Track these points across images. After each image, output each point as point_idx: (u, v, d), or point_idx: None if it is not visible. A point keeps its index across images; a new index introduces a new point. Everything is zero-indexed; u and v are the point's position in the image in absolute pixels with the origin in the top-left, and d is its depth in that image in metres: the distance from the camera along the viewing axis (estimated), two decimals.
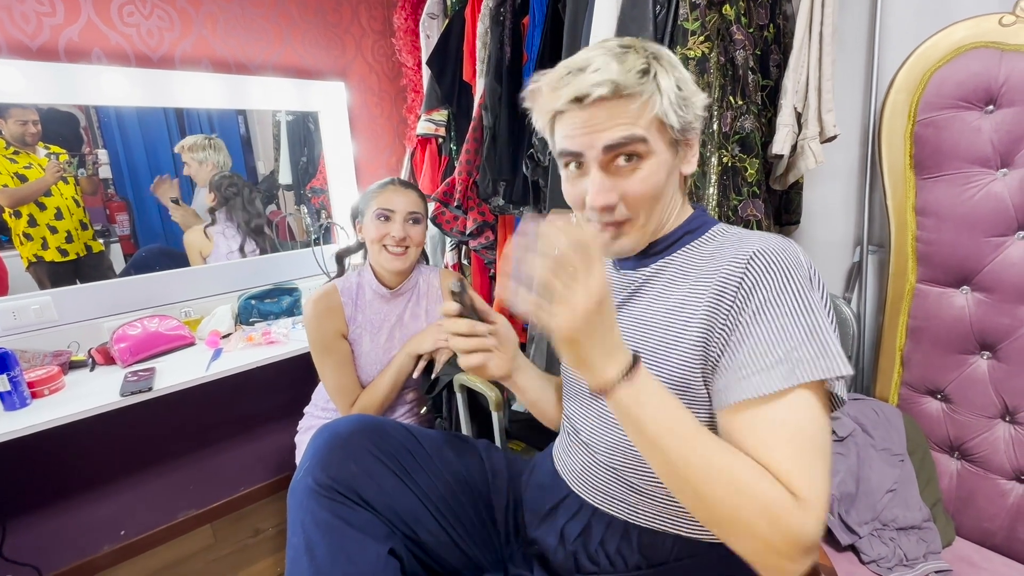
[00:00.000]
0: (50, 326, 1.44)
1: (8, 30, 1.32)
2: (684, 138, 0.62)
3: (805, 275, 0.55)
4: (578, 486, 0.73)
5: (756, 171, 1.07)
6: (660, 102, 0.58)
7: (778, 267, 0.55)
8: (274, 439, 1.91)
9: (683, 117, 0.60)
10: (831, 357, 0.51)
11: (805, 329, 0.52)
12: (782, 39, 1.12)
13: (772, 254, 0.56)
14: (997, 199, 0.94)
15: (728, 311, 0.56)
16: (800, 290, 0.53)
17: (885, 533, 0.95)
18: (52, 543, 1.53)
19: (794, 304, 0.53)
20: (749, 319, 0.54)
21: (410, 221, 1.13)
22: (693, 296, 0.60)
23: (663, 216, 0.65)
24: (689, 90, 0.61)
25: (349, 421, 0.80)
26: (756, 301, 0.54)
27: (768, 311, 0.53)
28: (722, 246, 0.62)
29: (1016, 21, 0.90)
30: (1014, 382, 0.95)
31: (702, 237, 0.65)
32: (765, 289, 0.54)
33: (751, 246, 0.57)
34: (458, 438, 0.90)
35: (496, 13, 1.39)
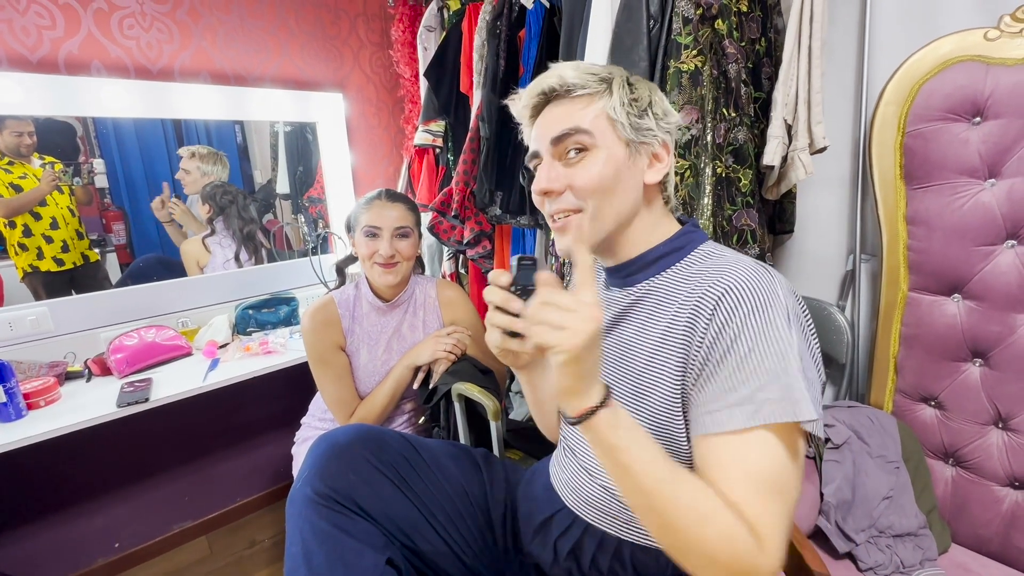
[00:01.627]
0: (46, 337, 1.44)
1: (8, 43, 1.33)
2: (640, 140, 0.63)
3: (782, 312, 0.53)
4: (571, 501, 0.73)
5: (750, 181, 1.08)
6: (608, 100, 0.62)
7: (752, 304, 0.53)
8: (271, 449, 1.90)
9: (636, 120, 0.62)
10: (795, 401, 0.50)
11: (772, 370, 0.51)
12: (774, 52, 1.14)
13: (746, 290, 0.54)
14: (985, 209, 0.95)
15: (699, 346, 0.56)
16: (772, 329, 0.52)
17: (881, 540, 0.96)
18: (46, 555, 1.51)
19: (765, 344, 0.52)
20: (720, 356, 0.54)
21: (398, 236, 1.14)
22: (673, 326, 0.59)
23: (620, 219, 0.63)
24: (649, 100, 0.63)
25: (348, 431, 0.80)
26: (727, 338, 0.54)
27: (738, 349, 0.53)
28: (702, 272, 0.60)
29: (1001, 35, 0.93)
30: (1006, 389, 0.96)
31: (687, 258, 0.64)
32: (736, 327, 0.53)
33: (727, 279, 0.56)
34: (457, 447, 0.90)
35: (493, 26, 1.41)
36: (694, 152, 1.02)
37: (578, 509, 0.72)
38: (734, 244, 1.10)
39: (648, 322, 0.63)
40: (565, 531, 0.72)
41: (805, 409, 0.50)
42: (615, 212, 0.64)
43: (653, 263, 0.65)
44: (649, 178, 0.64)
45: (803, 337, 0.54)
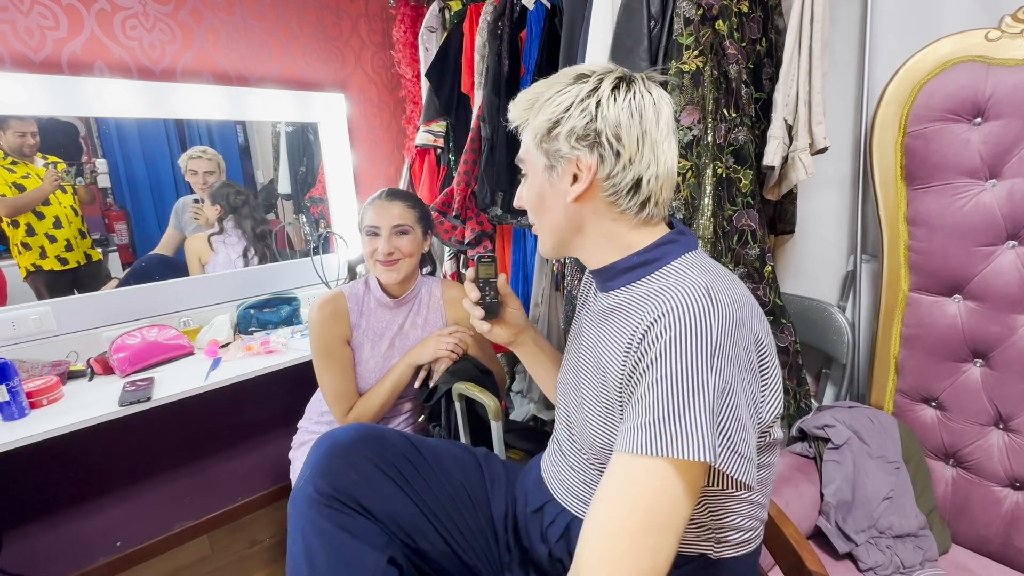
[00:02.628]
0: (49, 336, 1.44)
1: (12, 43, 1.34)
2: (551, 163, 0.64)
3: (705, 348, 0.51)
4: (558, 492, 0.75)
5: (750, 182, 1.09)
6: (529, 130, 0.66)
7: (674, 333, 0.52)
8: (272, 449, 1.91)
9: (545, 145, 0.64)
10: (689, 440, 0.49)
11: (674, 404, 0.51)
12: (774, 53, 1.15)
13: (675, 319, 0.53)
14: (986, 209, 0.95)
15: (632, 368, 0.57)
16: (687, 363, 0.51)
17: (882, 541, 0.96)
18: (48, 554, 1.52)
19: (674, 376, 0.51)
20: (637, 379, 0.55)
21: (396, 234, 1.14)
22: (623, 338, 0.60)
23: (559, 234, 0.68)
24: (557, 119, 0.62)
25: (349, 430, 0.80)
26: (645, 363, 0.54)
27: (650, 375, 0.53)
28: (659, 291, 0.59)
29: (1002, 36, 0.93)
30: (1006, 389, 0.97)
31: (656, 272, 0.63)
32: (655, 353, 0.53)
33: (663, 304, 0.55)
34: (458, 447, 0.91)
35: (494, 27, 1.41)
36: (695, 152, 1.03)
37: (564, 500, 0.74)
38: (735, 244, 1.10)
39: (611, 331, 0.64)
40: (554, 519, 0.74)
41: (693, 448, 0.49)
42: (550, 228, 0.69)
43: (624, 272, 0.66)
44: (570, 196, 0.64)
45: (731, 377, 0.52)
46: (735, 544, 0.64)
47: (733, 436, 0.51)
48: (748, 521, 0.64)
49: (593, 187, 0.63)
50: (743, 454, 0.51)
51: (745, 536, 0.65)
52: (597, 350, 0.66)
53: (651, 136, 0.61)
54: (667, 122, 0.63)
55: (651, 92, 0.63)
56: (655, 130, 0.61)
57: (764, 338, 0.58)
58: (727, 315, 0.53)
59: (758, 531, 0.67)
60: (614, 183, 0.62)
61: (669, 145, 0.63)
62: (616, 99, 0.61)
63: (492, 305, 0.81)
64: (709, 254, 1.07)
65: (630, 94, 0.61)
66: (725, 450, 0.50)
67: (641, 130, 0.61)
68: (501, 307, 0.84)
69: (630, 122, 0.60)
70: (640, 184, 0.62)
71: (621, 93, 0.61)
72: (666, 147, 0.63)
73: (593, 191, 0.63)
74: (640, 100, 0.61)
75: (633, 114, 0.60)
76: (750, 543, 0.66)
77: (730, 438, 0.51)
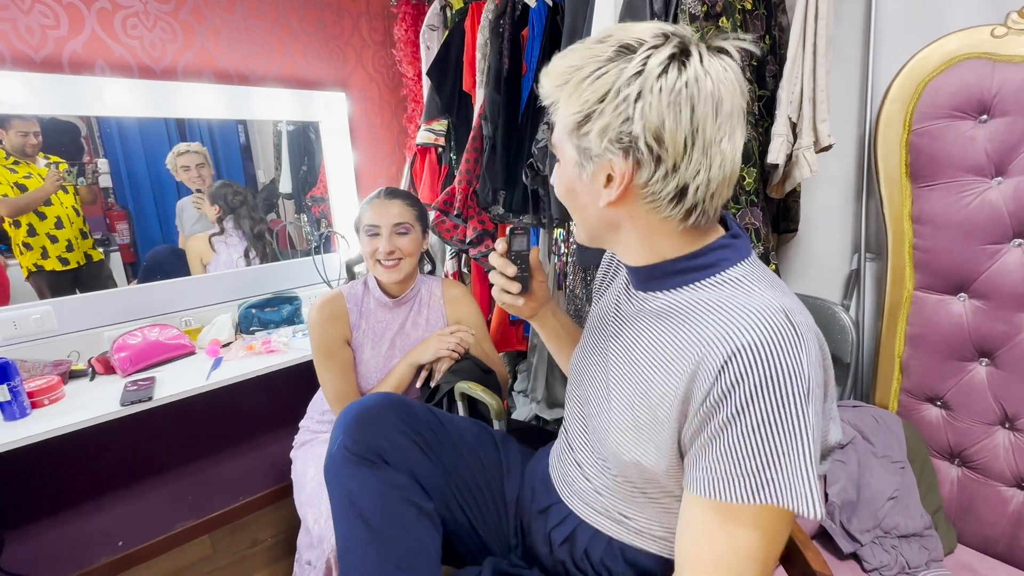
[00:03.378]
0: (50, 336, 1.44)
1: (13, 42, 1.33)
2: (583, 160, 0.55)
3: (801, 388, 0.47)
4: (566, 494, 0.74)
5: (754, 180, 1.08)
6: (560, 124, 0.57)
7: (764, 375, 0.47)
8: (274, 449, 1.91)
9: (576, 138, 0.55)
10: (796, 491, 0.46)
11: (781, 452, 0.46)
12: (778, 50, 1.14)
13: (760, 357, 0.47)
14: (992, 207, 0.95)
15: (702, 401, 0.50)
16: (786, 408, 0.46)
17: (887, 541, 0.95)
18: (50, 554, 1.52)
19: (776, 423, 0.46)
20: (723, 422, 0.49)
21: (397, 233, 1.14)
22: (680, 355, 0.54)
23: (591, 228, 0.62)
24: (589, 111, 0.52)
25: (377, 397, 0.81)
26: (731, 406, 0.48)
27: (745, 421, 0.47)
28: (721, 307, 0.53)
29: (1008, 32, 0.92)
30: (1013, 389, 0.96)
31: (713, 278, 0.57)
32: (743, 397, 0.47)
33: (742, 337, 0.48)
34: (478, 425, 0.92)
35: (495, 25, 1.40)
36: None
37: (571, 504, 0.72)
38: None
39: (661, 342, 0.58)
40: (560, 522, 0.73)
41: (805, 504, 0.46)
42: (581, 220, 0.63)
43: (671, 275, 0.59)
44: (602, 201, 0.55)
45: (820, 411, 0.49)
46: None
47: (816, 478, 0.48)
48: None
49: (629, 193, 0.54)
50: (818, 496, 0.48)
51: None
52: (644, 357, 0.59)
53: (704, 135, 0.50)
54: (729, 113, 0.51)
55: (710, 71, 0.49)
56: (710, 126, 0.50)
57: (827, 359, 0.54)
58: (808, 345, 0.48)
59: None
60: (653, 191, 0.53)
61: (730, 141, 0.52)
62: (663, 88, 0.48)
63: (526, 279, 0.77)
64: None
65: (683, 79, 0.48)
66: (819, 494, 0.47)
67: (691, 129, 0.49)
68: (531, 281, 0.79)
69: (677, 121, 0.49)
70: (686, 192, 0.52)
71: (670, 77, 0.48)
72: (725, 145, 0.51)
73: (630, 196, 0.55)
74: (694, 88, 0.49)
75: (682, 109, 0.49)
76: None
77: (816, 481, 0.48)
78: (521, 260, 0.76)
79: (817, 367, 0.49)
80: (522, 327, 1.63)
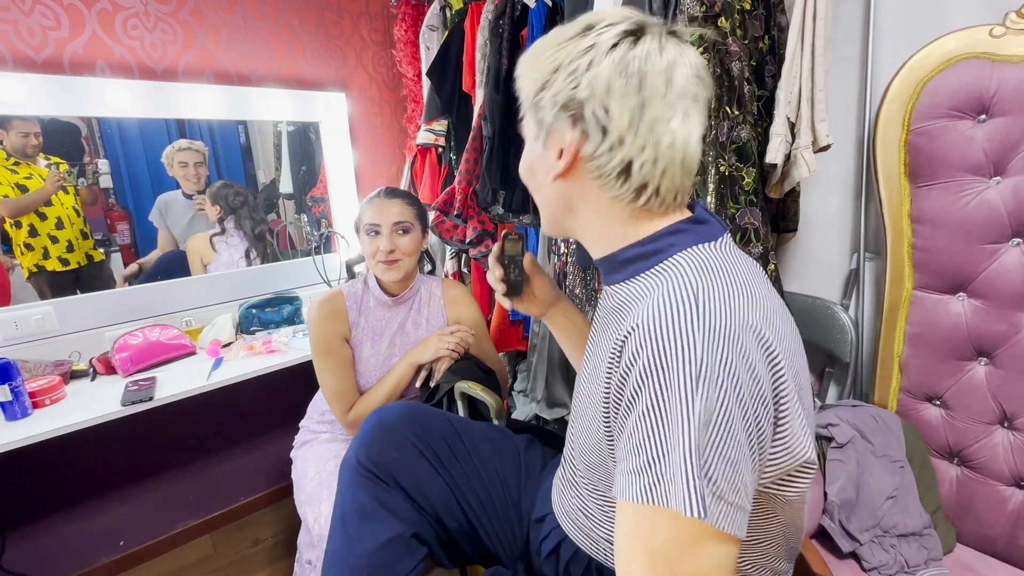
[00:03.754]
0: (51, 336, 1.44)
1: (14, 43, 1.34)
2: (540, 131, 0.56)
3: (687, 369, 0.42)
4: (557, 508, 0.74)
5: (753, 180, 1.08)
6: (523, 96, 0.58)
7: (652, 352, 0.44)
8: (274, 449, 1.91)
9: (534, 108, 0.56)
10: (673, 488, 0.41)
11: (661, 445, 0.42)
12: (777, 50, 1.14)
13: (650, 332, 0.44)
14: (991, 207, 0.95)
15: (615, 385, 0.48)
16: (668, 391, 0.42)
17: (886, 540, 0.95)
18: (51, 553, 1.52)
19: (658, 409, 0.43)
20: (625, 408, 0.46)
21: (398, 232, 1.15)
22: (608, 348, 0.51)
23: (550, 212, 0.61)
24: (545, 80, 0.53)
25: (397, 408, 0.86)
26: (629, 389, 0.45)
27: (636, 407, 0.44)
28: (651, 289, 0.51)
29: (1006, 32, 0.92)
30: (1011, 388, 0.96)
31: (657, 267, 0.53)
32: (636, 378, 0.45)
33: (641, 311, 0.46)
34: (500, 433, 0.93)
35: (495, 25, 1.41)
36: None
37: (560, 518, 0.73)
38: (737, 242, 1.10)
39: (604, 337, 0.56)
40: (550, 533, 0.74)
41: (678, 498, 0.41)
42: (541, 202, 0.62)
43: (623, 265, 0.56)
44: (552, 173, 0.55)
45: (721, 403, 0.42)
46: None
47: (719, 479, 0.41)
48: (759, 571, 0.57)
49: (577, 166, 0.54)
50: (729, 500, 0.42)
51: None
52: (594, 358, 0.58)
53: (652, 109, 0.49)
54: (681, 90, 0.50)
55: (665, 50, 0.50)
56: (659, 101, 0.49)
57: (780, 352, 0.46)
58: (715, 325, 0.43)
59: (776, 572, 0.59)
60: (599, 164, 0.52)
61: (681, 120, 0.51)
62: (613, 59, 0.49)
63: (515, 283, 0.81)
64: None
65: (633, 53, 0.49)
66: (710, 497, 0.41)
67: (639, 101, 0.49)
68: (526, 284, 0.83)
69: (624, 91, 0.49)
70: (631, 168, 0.51)
71: (621, 50, 0.49)
72: (676, 123, 0.50)
73: (578, 170, 0.54)
74: (643, 62, 0.49)
75: (629, 80, 0.49)
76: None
77: (715, 482, 0.41)
78: (514, 264, 0.80)
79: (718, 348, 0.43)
80: (522, 327, 1.64)
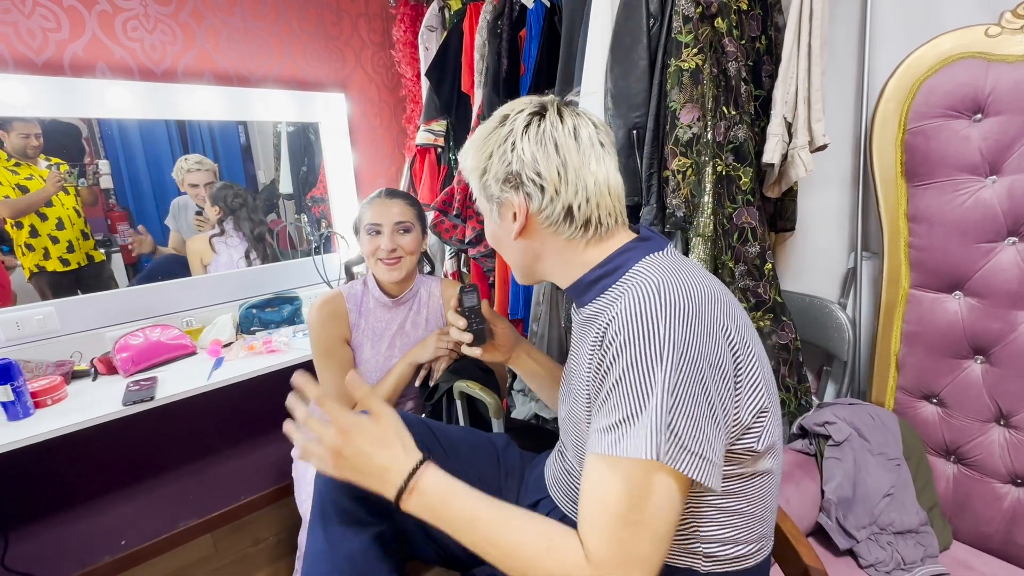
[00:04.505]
0: (53, 336, 1.45)
1: (14, 45, 1.34)
2: (490, 204, 0.68)
3: (654, 344, 0.52)
4: (555, 493, 0.77)
5: (750, 179, 1.09)
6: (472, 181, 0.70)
7: (627, 333, 0.54)
8: (275, 448, 1.92)
9: (480, 188, 0.68)
10: (635, 439, 0.51)
11: (632, 404, 0.52)
12: (774, 50, 1.14)
13: (626, 319, 0.54)
14: (986, 206, 0.95)
15: (596, 374, 0.58)
16: (639, 361, 0.52)
17: (882, 537, 0.96)
18: (53, 553, 1.53)
19: (629, 376, 0.53)
20: (600, 382, 0.57)
21: (399, 231, 1.15)
22: (588, 346, 0.61)
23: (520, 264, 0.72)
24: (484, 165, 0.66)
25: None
26: (605, 365, 0.56)
27: (610, 377, 0.55)
28: (619, 297, 0.60)
29: (1002, 32, 0.93)
30: (1008, 386, 0.96)
31: (620, 280, 0.63)
32: (612, 354, 0.55)
33: (618, 306, 0.57)
34: (477, 435, 0.94)
35: (494, 26, 1.41)
36: (695, 150, 1.03)
37: (558, 499, 0.76)
38: (735, 242, 1.10)
39: (583, 343, 0.65)
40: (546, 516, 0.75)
41: (637, 446, 0.51)
42: (511, 262, 0.74)
43: (590, 286, 0.67)
44: (512, 234, 0.67)
45: (685, 373, 0.51)
46: (725, 560, 0.62)
47: (683, 434, 0.51)
48: (739, 534, 0.61)
49: (530, 222, 0.66)
50: (698, 453, 0.51)
51: (737, 551, 0.62)
52: (575, 363, 0.68)
53: (571, 163, 0.62)
54: (588, 141, 0.63)
55: (562, 120, 0.63)
56: (574, 156, 0.62)
57: (734, 331, 0.56)
58: (676, 310, 0.53)
59: (756, 548, 0.63)
60: (547, 215, 0.64)
61: (596, 163, 0.64)
62: (528, 137, 0.63)
63: (479, 331, 0.87)
64: (709, 252, 1.07)
65: (541, 128, 0.63)
66: (674, 447, 0.50)
67: (560, 160, 0.62)
68: (489, 331, 0.90)
69: (546, 154, 0.62)
70: (572, 211, 0.63)
71: (532, 129, 0.63)
72: (593, 167, 0.63)
73: (532, 226, 0.66)
74: (551, 130, 0.63)
75: (547, 145, 0.62)
76: (744, 560, 0.63)
77: (679, 436, 0.50)
78: (474, 314, 0.87)
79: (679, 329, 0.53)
80: (521, 326, 1.64)
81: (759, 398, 0.57)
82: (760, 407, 0.57)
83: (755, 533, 0.63)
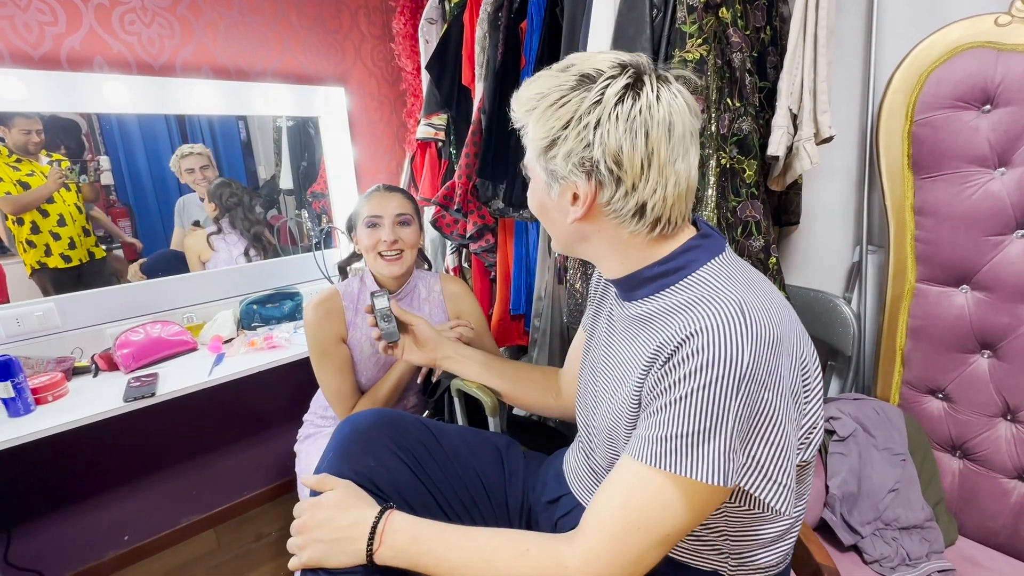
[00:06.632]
0: (54, 332, 1.45)
1: (11, 39, 1.33)
2: (551, 179, 0.60)
3: (735, 374, 0.49)
4: (575, 487, 0.76)
5: (754, 172, 1.07)
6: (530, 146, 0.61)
7: (708, 357, 0.50)
8: (277, 444, 1.92)
9: (543, 159, 0.59)
10: (702, 463, 0.50)
11: (697, 428, 0.50)
12: (779, 41, 1.13)
13: (709, 341, 0.50)
14: (995, 198, 0.94)
15: (656, 375, 0.55)
16: (716, 389, 0.50)
17: (887, 533, 0.95)
18: (56, 549, 1.53)
19: (702, 399, 0.50)
20: (662, 391, 0.54)
21: (399, 223, 1.14)
22: (650, 349, 0.57)
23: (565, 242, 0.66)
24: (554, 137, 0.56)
25: (369, 415, 0.83)
26: (673, 378, 0.53)
27: (676, 391, 0.52)
28: (690, 304, 0.56)
29: (1012, 21, 0.91)
30: (1014, 380, 0.95)
31: (683, 281, 0.59)
32: (684, 372, 0.52)
33: (695, 323, 0.52)
34: (478, 436, 0.92)
35: (494, 18, 1.39)
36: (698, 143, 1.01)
37: (580, 496, 0.75)
38: (739, 236, 1.09)
39: (639, 342, 0.61)
40: (567, 513, 0.75)
41: (704, 471, 0.50)
42: (553, 233, 0.67)
43: (647, 282, 0.62)
44: (570, 217, 0.60)
45: (763, 402, 0.50)
46: (755, 567, 0.63)
47: (764, 461, 0.52)
48: (775, 544, 0.62)
49: (594, 210, 0.59)
50: (774, 479, 0.52)
51: (768, 559, 0.63)
52: (622, 359, 0.65)
53: (659, 157, 0.54)
54: (681, 135, 0.56)
55: (661, 99, 0.54)
56: (664, 148, 0.54)
57: (806, 354, 0.56)
58: (762, 337, 0.50)
59: (784, 555, 0.64)
60: (615, 209, 0.58)
61: (683, 160, 0.57)
62: (619, 116, 0.53)
63: (390, 332, 0.94)
64: None
65: (637, 107, 0.53)
66: (752, 473, 0.51)
67: (646, 153, 0.54)
68: (402, 328, 0.96)
69: (633, 145, 0.54)
70: (645, 209, 0.57)
71: (626, 105, 0.54)
72: (679, 165, 0.56)
73: (595, 213, 0.59)
74: (647, 115, 0.54)
75: (637, 135, 0.54)
76: (772, 568, 0.64)
77: (760, 462, 0.51)
78: (383, 316, 0.93)
79: (763, 357, 0.50)
80: (522, 322, 1.63)
81: (814, 416, 0.57)
82: (813, 422, 0.58)
83: (787, 544, 0.64)
